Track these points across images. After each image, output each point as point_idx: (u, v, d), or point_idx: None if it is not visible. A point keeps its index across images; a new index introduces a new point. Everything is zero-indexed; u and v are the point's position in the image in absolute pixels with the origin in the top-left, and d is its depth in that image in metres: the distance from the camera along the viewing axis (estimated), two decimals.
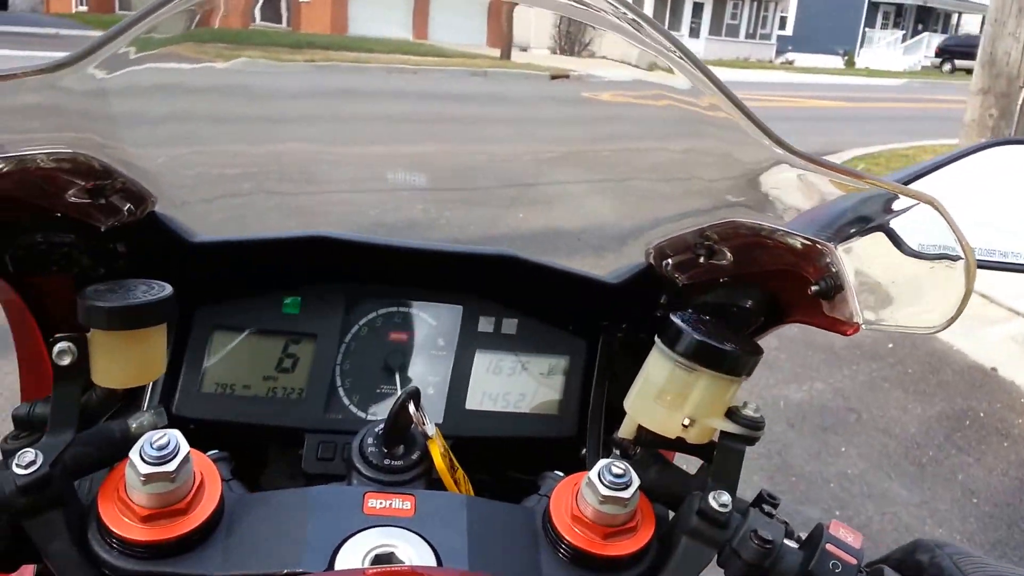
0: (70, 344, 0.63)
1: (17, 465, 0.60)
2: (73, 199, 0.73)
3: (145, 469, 0.59)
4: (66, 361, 0.63)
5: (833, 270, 0.72)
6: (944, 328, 0.70)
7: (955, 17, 49.40)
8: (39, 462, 0.60)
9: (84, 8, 27.43)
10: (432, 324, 0.95)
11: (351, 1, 0.98)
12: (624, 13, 0.77)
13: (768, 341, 0.82)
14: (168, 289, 0.67)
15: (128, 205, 0.77)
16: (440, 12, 1.05)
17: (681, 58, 0.74)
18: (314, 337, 0.91)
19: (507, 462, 0.93)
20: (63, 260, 0.76)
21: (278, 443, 0.90)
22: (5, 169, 0.64)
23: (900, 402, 4.06)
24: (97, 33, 0.64)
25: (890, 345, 4.65)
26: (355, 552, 0.62)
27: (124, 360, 0.65)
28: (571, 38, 0.94)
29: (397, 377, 0.92)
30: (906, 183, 0.88)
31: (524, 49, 1.05)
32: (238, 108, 1.05)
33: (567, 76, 1.10)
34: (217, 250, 0.90)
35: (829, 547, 0.67)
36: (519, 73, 1.16)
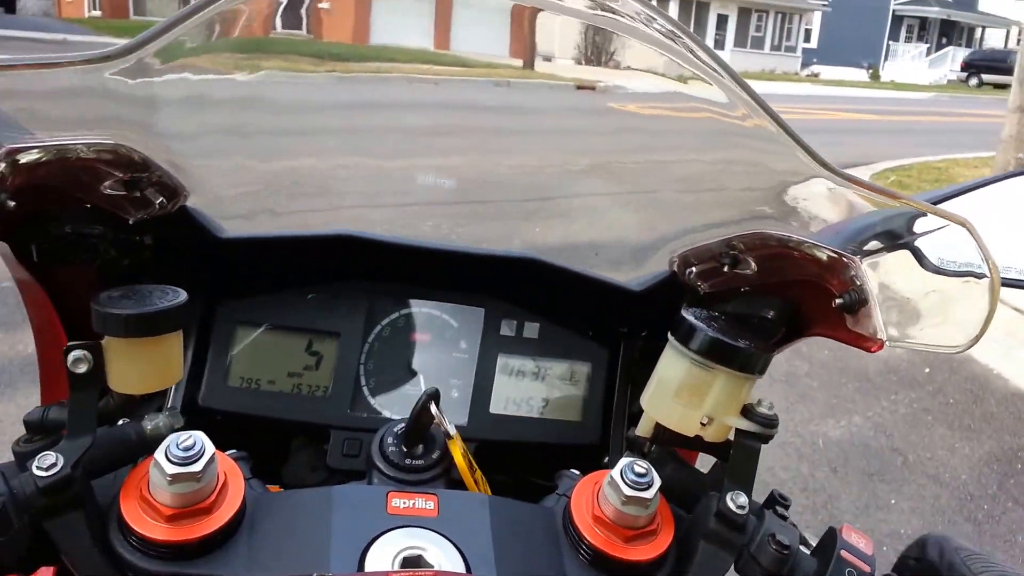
0: (85, 352, 0.63)
1: (38, 467, 0.60)
2: (108, 191, 0.73)
3: (172, 469, 0.59)
4: (82, 369, 0.63)
5: (858, 284, 0.72)
6: (968, 348, 0.70)
7: (979, 31, 49.17)
8: (60, 464, 0.60)
9: (97, 12, 27.39)
10: (454, 326, 0.95)
11: (373, 10, 0.98)
12: (661, 24, 0.77)
13: (798, 367, 0.81)
14: (183, 295, 0.67)
15: (161, 199, 0.77)
16: (462, 22, 1.05)
17: (716, 69, 0.74)
18: (337, 336, 0.91)
19: (529, 467, 0.92)
20: (89, 251, 0.76)
21: (302, 438, 0.90)
22: (44, 159, 0.65)
23: (946, 440, 3.76)
24: (108, 39, 0.65)
25: (927, 370, 4.39)
26: (384, 554, 0.62)
27: (140, 366, 0.65)
28: (597, 48, 0.94)
29: (421, 378, 0.92)
30: (936, 203, 0.86)
31: (548, 59, 1.04)
32: (256, 120, 1.05)
33: (593, 88, 1.10)
34: (243, 246, 0.90)
35: (844, 554, 0.66)
36: (543, 83, 1.16)
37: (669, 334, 0.73)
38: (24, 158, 0.63)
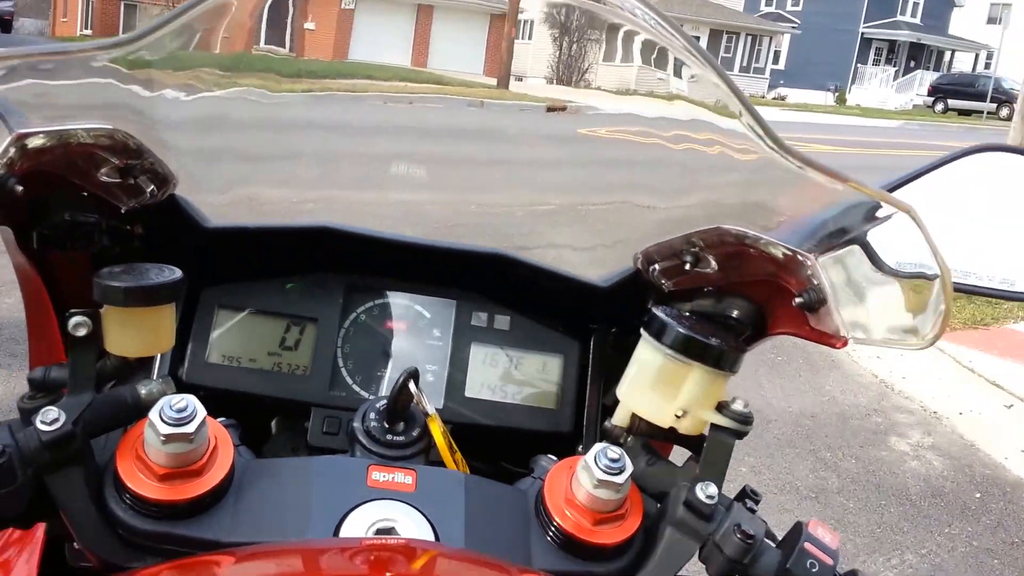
0: (85, 318, 0.67)
1: (41, 422, 0.63)
2: (104, 178, 0.77)
3: (165, 430, 0.62)
4: (82, 333, 0.67)
5: (815, 282, 0.74)
6: (929, 346, 0.71)
7: (948, 55, 48.92)
8: (62, 419, 0.63)
9: (89, 31, 27.81)
10: (427, 316, 0.99)
11: (355, 28, 1.01)
12: (645, 12, 0.79)
13: (827, 480, 0.82)
14: (178, 273, 0.71)
15: (152, 187, 0.81)
16: (440, 39, 1.09)
17: (696, 55, 0.76)
18: (315, 321, 0.95)
19: (503, 453, 0.95)
20: (84, 238, 0.80)
21: (282, 415, 0.94)
22: (48, 144, 0.68)
23: None
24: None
25: (977, 495, 3.73)
26: (359, 523, 0.65)
27: (136, 333, 0.70)
28: (570, 67, 0.97)
29: (397, 362, 0.95)
30: (890, 190, 0.90)
31: (520, 79, 1.08)
32: (228, 142, 1.08)
33: (564, 108, 1.13)
34: (228, 236, 0.94)
35: (807, 546, 0.68)
36: (516, 105, 1.19)
37: (642, 329, 0.76)
38: (32, 142, 0.67)
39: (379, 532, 0.65)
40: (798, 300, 0.76)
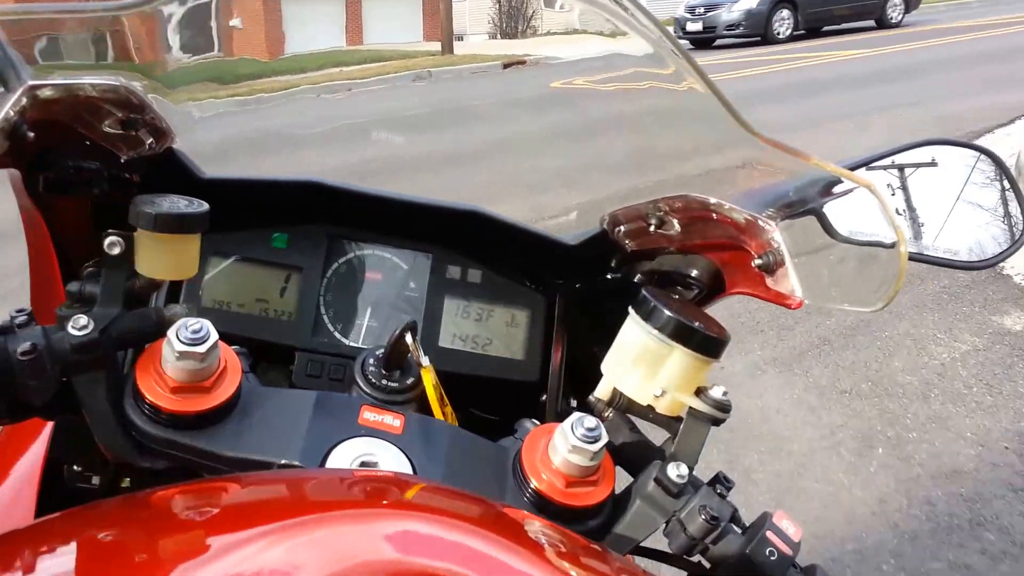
0: (120, 239, 0.72)
1: (72, 327, 0.68)
2: (107, 128, 0.81)
3: (180, 347, 0.67)
4: (116, 251, 0.72)
5: (774, 246, 0.76)
6: (881, 310, 0.73)
7: None
8: (91, 327, 0.69)
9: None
10: (404, 268, 1.04)
11: (283, 18, 0.98)
12: None
13: None
14: (205, 206, 0.75)
15: (151, 140, 0.85)
16: (374, 13, 1.06)
17: (644, 24, 0.77)
18: (299, 270, 1.01)
19: (473, 400, 0.98)
20: (86, 185, 0.84)
21: (270, 358, 0.98)
22: (57, 96, 0.74)
23: None
24: None
25: None
26: (345, 456, 0.70)
27: (165, 257, 0.74)
28: (513, 16, 0.96)
29: (375, 311, 1.01)
30: (850, 170, 0.92)
31: (461, 38, 1.06)
32: None
33: (523, 62, 1.12)
34: (221, 187, 0.98)
35: (769, 534, 0.70)
36: (467, 68, 1.17)
37: (630, 308, 0.78)
38: (43, 94, 0.72)
39: (363, 465, 0.70)
40: (757, 262, 0.78)
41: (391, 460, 0.71)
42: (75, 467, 0.90)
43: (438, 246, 1.04)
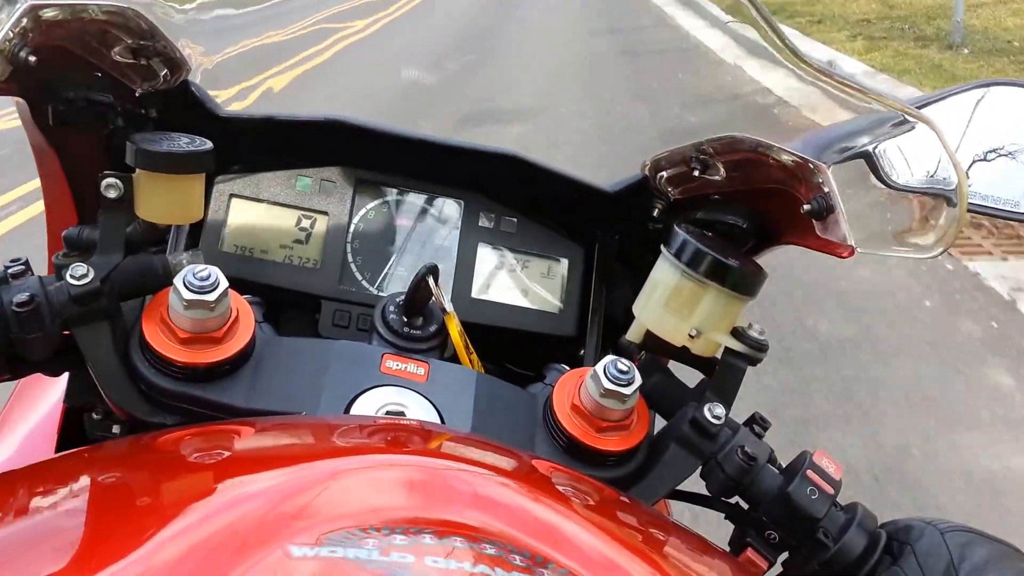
0: (117, 181, 0.69)
1: (71, 276, 0.65)
2: (117, 57, 0.77)
3: (188, 295, 0.64)
4: (113, 195, 0.69)
5: (825, 190, 0.73)
6: (939, 255, 0.71)
7: None
8: (91, 276, 0.66)
9: None
10: (435, 215, 0.99)
11: None
12: None
13: None
14: (209, 144, 0.73)
15: (165, 71, 0.81)
16: None
17: None
18: (326, 214, 0.97)
19: (508, 354, 0.97)
20: (98, 119, 0.80)
21: (295, 307, 0.96)
22: (61, 18, 0.69)
23: None
24: None
25: None
26: (369, 405, 0.68)
27: (166, 199, 0.72)
28: None
29: (404, 259, 0.97)
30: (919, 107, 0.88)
31: None
32: None
33: None
34: (240, 125, 0.95)
35: (809, 473, 0.69)
36: None
37: (662, 246, 0.75)
38: (45, 14, 0.68)
39: (388, 414, 0.68)
40: (807, 208, 0.75)
41: (417, 409, 0.69)
42: (95, 415, 0.87)
43: (471, 192, 1.00)
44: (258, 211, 0.95)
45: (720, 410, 0.71)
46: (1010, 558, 0.63)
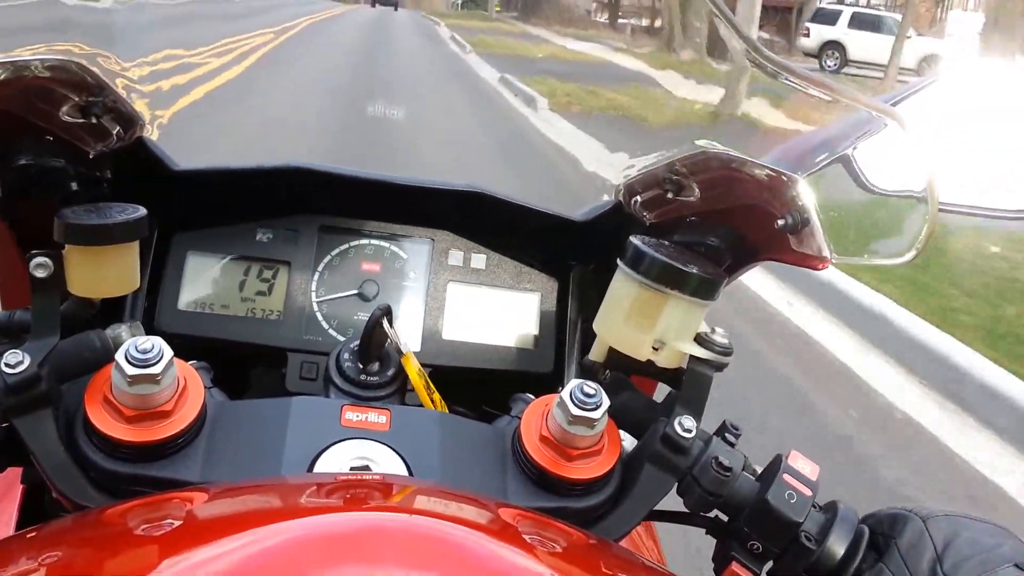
0: (46, 259, 0.67)
1: (5, 365, 0.62)
2: (66, 117, 0.75)
3: (131, 371, 0.61)
4: (42, 274, 0.67)
5: (799, 203, 0.72)
6: (912, 261, 0.69)
7: None
8: (26, 362, 0.63)
9: None
10: (403, 257, 0.98)
11: None
12: None
13: None
14: (141, 211, 0.71)
15: (118, 128, 0.80)
16: None
17: None
18: (288, 264, 0.95)
19: (484, 395, 0.94)
20: (51, 185, 0.78)
21: (261, 363, 0.94)
22: (2, 76, 0.66)
23: None
24: None
25: None
26: (332, 462, 0.66)
27: (98, 273, 0.70)
28: None
29: (373, 304, 0.94)
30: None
31: None
32: None
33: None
34: (197, 178, 0.93)
35: (786, 477, 0.68)
36: None
37: (618, 259, 0.74)
38: None
39: (353, 470, 0.65)
40: (781, 222, 0.74)
41: (382, 460, 0.67)
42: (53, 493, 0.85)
43: (439, 229, 0.98)
44: (217, 266, 0.94)
45: (690, 422, 0.69)
46: (996, 538, 0.62)
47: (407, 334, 0.92)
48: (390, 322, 0.75)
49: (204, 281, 0.93)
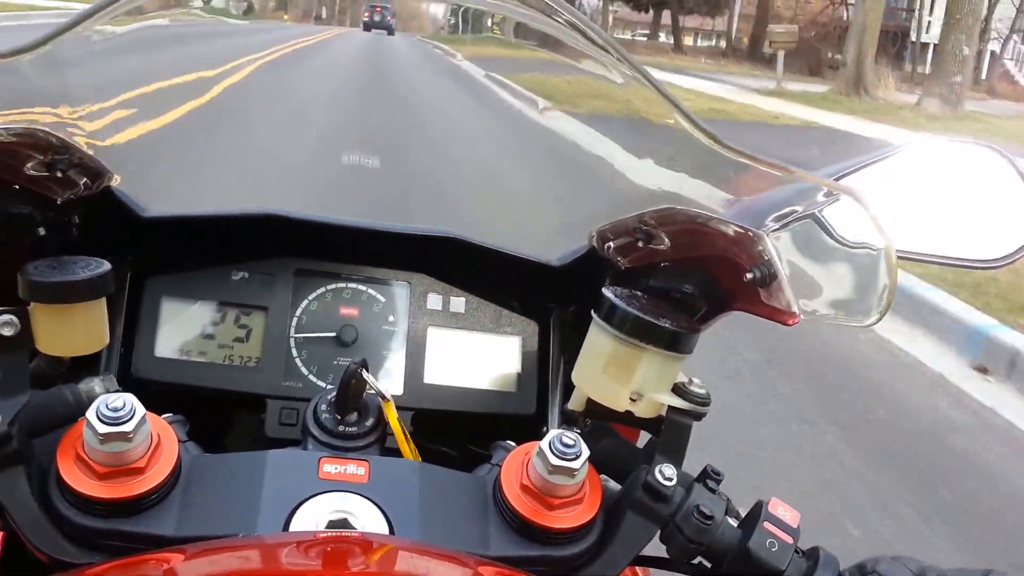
0: (12, 317, 0.67)
1: None
2: (32, 172, 0.75)
3: (103, 429, 0.61)
4: (9, 332, 0.67)
5: (766, 258, 0.73)
6: (876, 323, 0.71)
7: None
8: None
9: None
10: (381, 301, 0.97)
11: None
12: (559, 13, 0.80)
13: None
14: (105, 266, 0.70)
15: (84, 179, 0.80)
16: None
17: (605, 47, 0.77)
18: (265, 310, 0.94)
19: (468, 437, 0.95)
20: (18, 231, 0.78)
21: (240, 409, 0.93)
22: None
23: None
24: None
25: None
26: (310, 517, 0.65)
27: (64, 331, 0.70)
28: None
29: (352, 349, 0.94)
30: (835, 179, 0.89)
31: None
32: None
33: None
34: (168, 225, 0.93)
35: (767, 525, 0.68)
36: None
37: (592, 312, 0.74)
38: None
39: (331, 525, 0.65)
40: (749, 275, 0.75)
41: (362, 514, 0.66)
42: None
43: (417, 273, 0.98)
44: (193, 311, 0.92)
45: (671, 470, 0.70)
46: None
47: (388, 378, 0.93)
48: (368, 371, 0.75)
49: (180, 327, 0.92)
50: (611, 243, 0.90)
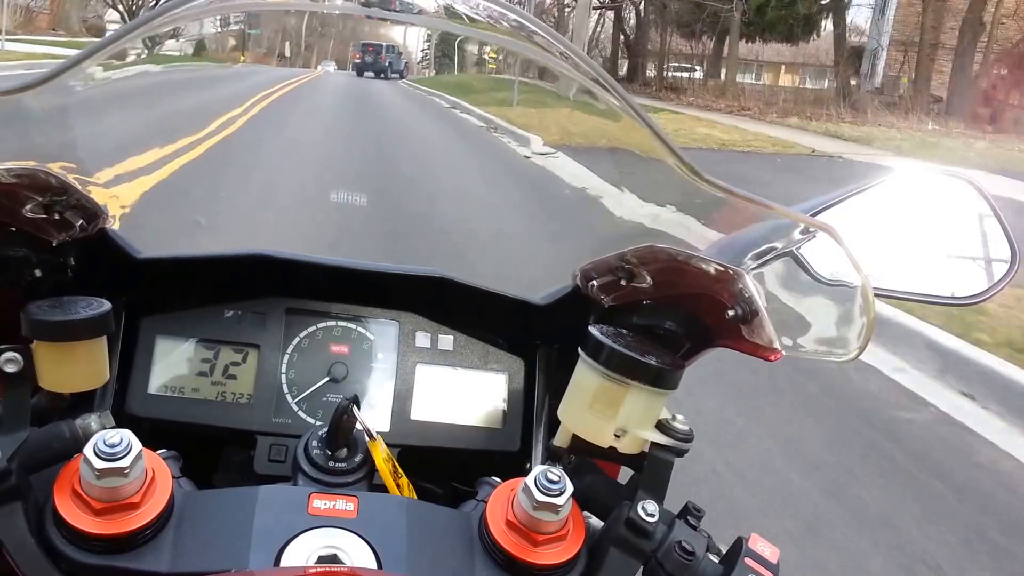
0: (15, 354, 0.68)
1: None
2: (29, 214, 0.77)
3: (99, 464, 0.62)
4: (12, 369, 0.68)
5: (746, 295, 0.74)
6: (856, 358, 0.72)
7: None
8: None
9: None
10: (371, 339, 0.98)
11: None
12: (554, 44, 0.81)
13: None
14: (106, 305, 0.72)
15: (81, 221, 0.81)
16: None
17: (596, 77, 0.78)
18: (257, 347, 0.95)
19: (454, 474, 0.95)
20: (14, 272, 0.80)
21: (231, 444, 0.94)
22: None
23: None
24: None
25: None
26: (300, 552, 0.66)
27: (66, 368, 0.71)
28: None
29: (342, 386, 0.96)
30: (813, 214, 0.91)
31: None
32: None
33: None
34: (161, 265, 0.95)
35: (747, 561, 0.69)
36: None
37: (579, 349, 0.75)
38: None
39: (321, 560, 0.65)
40: (730, 313, 0.76)
41: (351, 549, 0.67)
42: None
43: (405, 312, 0.99)
44: (186, 349, 0.94)
45: (653, 507, 0.70)
46: None
47: (376, 415, 0.94)
48: (358, 409, 0.76)
49: (173, 364, 0.93)
50: (594, 281, 0.91)
